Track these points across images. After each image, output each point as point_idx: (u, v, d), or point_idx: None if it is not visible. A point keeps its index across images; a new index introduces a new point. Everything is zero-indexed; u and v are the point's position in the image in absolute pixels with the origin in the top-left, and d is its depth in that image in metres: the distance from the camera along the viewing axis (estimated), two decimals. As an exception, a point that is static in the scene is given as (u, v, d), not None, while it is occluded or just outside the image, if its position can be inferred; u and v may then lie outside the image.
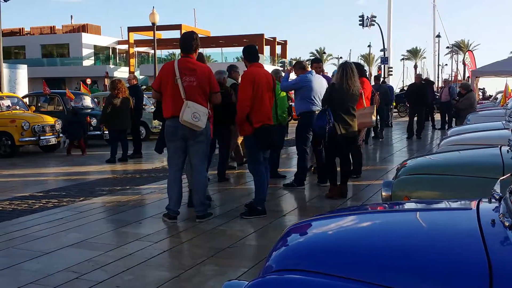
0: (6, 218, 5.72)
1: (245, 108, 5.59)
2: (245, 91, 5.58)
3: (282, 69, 35.38)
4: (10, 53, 45.75)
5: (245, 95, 5.57)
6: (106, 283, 3.75)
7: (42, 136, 11.70)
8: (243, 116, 5.64)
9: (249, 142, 5.78)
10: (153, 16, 25.83)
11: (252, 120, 5.62)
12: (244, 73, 5.73)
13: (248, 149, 5.89)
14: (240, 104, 5.66)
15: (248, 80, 5.61)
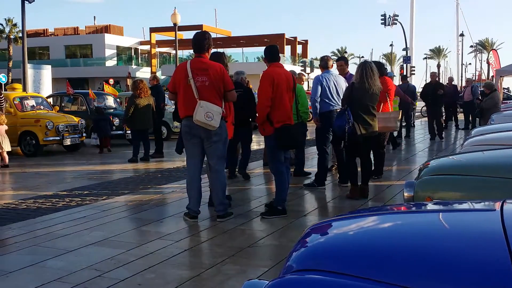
0: (30, 216, 5.83)
1: (265, 108, 5.59)
2: (264, 91, 5.58)
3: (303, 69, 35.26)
4: (34, 53, 46.58)
5: (265, 95, 5.57)
6: (128, 281, 3.80)
7: (66, 136, 11.88)
8: (263, 116, 5.64)
9: (269, 142, 5.78)
10: (175, 17, 26.02)
11: (272, 120, 5.62)
12: (264, 74, 5.73)
13: (269, 149, 5.89)
14: (260, 104, 5.66)
15: (267, 80, 5.60)
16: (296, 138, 5.81)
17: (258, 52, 47.41)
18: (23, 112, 12.00)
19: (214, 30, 46.41)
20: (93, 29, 51.18)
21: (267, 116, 5.63)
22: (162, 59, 50.91)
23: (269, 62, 5.83)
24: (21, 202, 6.61)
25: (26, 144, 11.67)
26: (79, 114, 13.24)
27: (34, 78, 23.83)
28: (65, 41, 49.47)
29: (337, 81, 7.38)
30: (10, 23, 46.06)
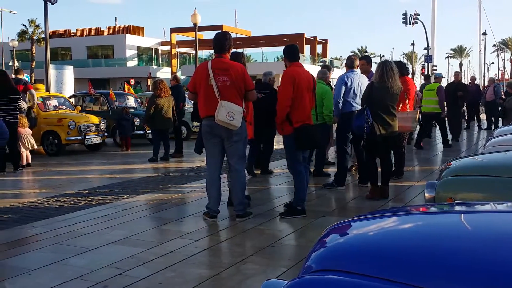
0: (52, 215, 5.92)
1: (285, 107, 5.58)
2: (285, 90, 5.58)
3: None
4: (57, 54, 47.28)
5: (286, 95, 5.57)
6: (148, 280, 3.83)
7: (88, 135, 12.03)
8: (283, 116, 5.63)
9: (288, 142, 5.77)
10: (195, 17, 26.15)
11: (292, 120, 5.61)
12: (284, 73, 5.72)
13: (287, 149, 5.88)
14: (280, 104, 5.66)
15: (288, 80, 5.60)
16: (315, 138, 5.79)
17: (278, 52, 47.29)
18: (46, 112, 12.18)
19: (234, 30, 46.51)
20: (114, 29, 51.73)
21: (287, 115, 5.62)
22: (182, 59, 51.21)
23: (289, 61, 5.82)
24: (43, 201, 6.72)
25: (49, 144, 11.84)
26: (100, 114, 13.39)
27: (56, 78, 24.16)
28: (87, 41, 50.10)
29: (361, 81, 7.34)
30: (33, 24, 46.84)
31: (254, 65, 41.95)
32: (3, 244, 4.78)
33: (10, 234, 5.13)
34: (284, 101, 5.57)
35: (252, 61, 49.41)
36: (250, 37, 47.62)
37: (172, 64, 45.56)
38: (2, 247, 4.69)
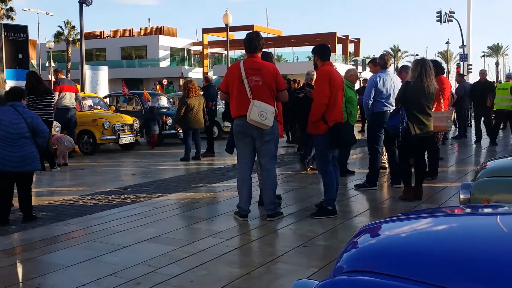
0: (87, 212, 6.04)
1: (322, 106, 5.55)
2: (322, 90, 5.55)
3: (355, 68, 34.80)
4: (92, 55, 48.24)
5: (323, 94, 5.54)
6: (180, 278, 3.87)
7: (122, 135, 12.24)
8: (319, 114, 5.59)
9: (321, 141, 5.73)
10: (226, 18, 26.28)
11: (327, 119, 5.58)
12: (320, 72, 5.68)
13: (318, 148, 5.84)
14: (317, 103, 5.60)
15: (325, 79, 5.57)
16: (349, 136, 5.76)
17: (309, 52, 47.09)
18: (81, 111, 12.45)
19: (265, 30, 46.53)
20: (147, 31, 52.48)
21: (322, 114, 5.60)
22: (214, 60, 51.55)
23: (321, 60, 5.79)
24: (79, 199, 6.86)
25: (84, 143, 12.10)
26: (134, 114, 13.60)
27: (91, 79, 24.68)
28: (121, 42, 50.97)
29: (394, 81, 7.24)
30: (68, 26, 47.92)
31: (285, 65, 41.93)
32: (40, 241, 4.91)
33: (46, 231, 5.26)
34: (321, 100, 5.55)
35: (283, 61, 49.39)
36: (281, 37, 47.56)
37: (204, 64, 45.90)
38: (39, 244, 4.82)
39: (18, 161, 5.50)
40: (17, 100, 5.71)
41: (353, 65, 36.62)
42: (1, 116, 5.51)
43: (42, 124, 5.73)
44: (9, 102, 5.72)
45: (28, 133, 5.57)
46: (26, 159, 5.54)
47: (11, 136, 5.47)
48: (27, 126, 5.56)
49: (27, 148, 5.56)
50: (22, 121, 5.54)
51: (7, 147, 5.46)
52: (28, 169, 5.63)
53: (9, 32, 14.72)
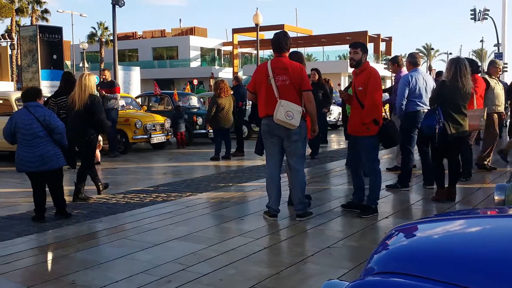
0: (120, 211, 6.15)
1: (379, 108, 5.56)
2: (380, 90, 5.61)
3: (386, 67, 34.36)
4: (124, 56, 49.02)
5: (380, 95, 5.56)
6: (210, 276, 3.90)
7: (153, 134, 12.40)
8: (374, 116, 5.54)
9: (371, 142, 5.66)
10: (257, 17, 26.29)
11: (377, 119, 5.56)
12: (373, 72, 5.60)
13: (369, 149, 5.70)
14: (374, 104, 5.53)
15: (379, 79, 5.60)
16: (397, 133, 5.81)
17: (340, 51, 46.78)
18: (114, 111, 12.64)
19: (295, 30, 46.43)
20: (178, 31, 53.02)
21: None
22: (244, 59, 51.71)
23: (366, 59, 5.75)
24: (111, 197, 6.99)
25: (118, 142, 12.30)
26: (165, 114, 13.76)
27: (124, 79, 25.09)
28: (152, 43, 51.63)
29: (426, 80, 7.12)
30: (102, 27, 48.86)
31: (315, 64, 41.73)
32: (74, 238, 5.02)
33: (80, 229, 5.38)
34: (378, 101, 5.55)
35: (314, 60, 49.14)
36: (312, 36, 47.36)
37: (234, 64, 46.10)
38: (73, 241, 4.93)
39: (35, 161, 5.59)
40: (31, 100, 5.77)
41: (385, 64, 36.18)
42: (17, 119, 5.63)
43: (55, 121, 5.72)
44: (24, 103, 5.83)
45: (42, 132, 5.60)
46: (43, 158, 5.61)
47: (26, 137, 5.57)
48: (40, 125, 5.58)
49: (43, 147, 5.61)
50: (35, 120, 5.57)
51: (24, 148, 5.58)
52: (46, 168, 5.66)
53: (44, 33, 15.08)
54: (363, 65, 5.66)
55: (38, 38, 14.70)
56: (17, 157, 5.64)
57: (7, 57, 28.18)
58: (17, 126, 5.59)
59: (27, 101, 5.75)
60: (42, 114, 5.64)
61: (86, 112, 6.57)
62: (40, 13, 48.94)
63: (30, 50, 14.97)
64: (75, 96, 6.67)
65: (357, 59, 5.68)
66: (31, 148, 5.57)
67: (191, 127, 13.85)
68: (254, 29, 29.18)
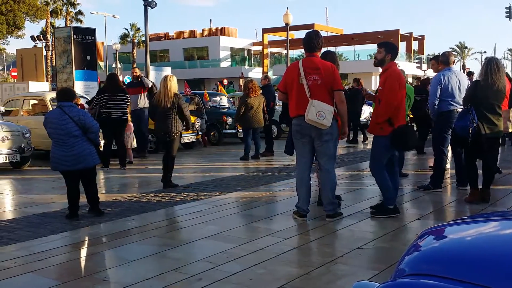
0: (151, 209, 6.23)
1: (394, 108, 5.46)
2: (395, 90, 5.45)
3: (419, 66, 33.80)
4: (156, 56, 49.62)
5: (395, 95, 5.44)
6: (239, 275, 3.92)
7: (183, 134, 12.49)
8: (388, 116, 5.48)
9: (382, 143, 5.61)
10: (287, 17, 26.25)
11: (393, 120, 5.47)
12: (394, 72, 5.53)
13: (379, 149, 5.71)
14: (388, 104, 5.47)
15: (397, 80, 5.47)
16: (413, 139, 5.62)
17: (371, 50, 46.28)
18: (145, 111, 12.81)
19: (326, 29, 46.15)
20: (209, 32, 53.37)
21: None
22: (274, 59, 51.69)
23: (392, 59, 5.65)
24: (143, 196, 7.08)
25: (148, 142, 12.45)
26: (195, 114, 13.86)
27: (155, 79, 25.35)
28: (183, 44, 52.11)
29: (460, 79, 6.98)
30: (134, 28, 49.59)
31: (346, 64, 41.40)
32: (106, 236, 5.12)
33: (112, 227, 5.47)
34: (393, 101, 5.45)
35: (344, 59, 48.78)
36: (342, 35, 47.01)
37: (264, 64, 46.13)
38: (105, 239, 5.03)
39: (71, 160, 5.70)
40: (66, 100, 5.88)
41: (417, 63, 35.63)
42: (52, 119, 5.76)
43: (90, 120, 5.86)
44: (58, 103, 5.96)
45: (77, 131, 5.72)
46: (78, 157, 5.73)
47: (61, 137, 5.69)
48: (75, 125, 5.70)
49: (78, 147, 5.73)
50: (69, 120, 5.69)
51: (60, 148, 5.70)
52: (81, 166, 5.78)
53: (78, 34, 15.38)
54: (386, 65, 5.60)
55: (72, 40, 15.01)
56: (53, 156, 5.78)
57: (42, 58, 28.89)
58: (52, 126, 5.73)
59: (62, 101, 5.88)
60: (77, 114, 5.77)
61: (172, 109, 7.42)
62: (74, 15, 50.01)
63: (64, 51, 15.29)
64: (161, 95, 7.51)
65: (379, 58, 5.66)
66: (66, 147, 5.69)
67: (220, 126, 13.92)
68: (284, 29, 29.14)
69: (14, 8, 44.52)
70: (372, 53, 45.42)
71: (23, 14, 46.06)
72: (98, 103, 9.55)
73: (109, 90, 9.61)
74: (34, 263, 4.26)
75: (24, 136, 9.75)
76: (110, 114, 9.51)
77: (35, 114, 12.02)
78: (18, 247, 4.72)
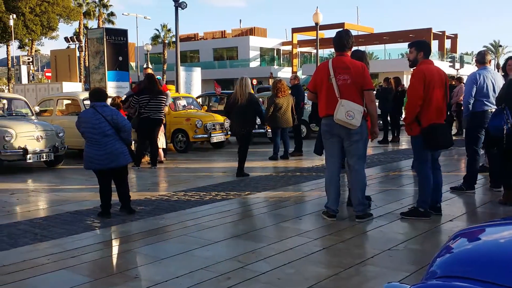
0: (181, 208, 6.29)
1: (415, 107, 5.37)
2: (416, 90, 5.36)
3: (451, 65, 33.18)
4: (186, 57, 50.07)
5: (416, 94, 5.35)
6: (268, 275, 3.92)
7: (213, 134, 12.60)
8: (413, 116, 5.42)
9: (415, 143, 5.54)
10: (317, 16, 26.12)
11: (420, 120, 5.39)
12: (415, 71, 5.49)
13: (414, 149, 5.65)
14: (410, 104, 5.44)
15: (419, 79, 5.38)
16: (444, 138, 5.50)
17: (402, 49, 45.65)
18: (176, 111, 12.97)
19: (356, 28, 45.77)
20: (238, 32, 53.57)
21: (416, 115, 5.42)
22: (303, 59, 51.53)
23: (424, 58, 5.58)
24: (173, 195, 7.16)
25: (178, 141, 12.60)
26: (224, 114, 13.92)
27: (185, 79, 25.62)
28: (213, 44, 52.44)
29: (495, 79, 6.83)
30: (165, 29, 50.14)
31: (376, 63, 40.95)
32: (137, 234, 5.19)
33: (143, 225, 5.55)
34: (414, 101, 5.36)
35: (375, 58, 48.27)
36: (373, 34, 46.53)
37: (293, 64, 46.02)
38: (136, 237, 5.10)
39: (104, 158, 5.81)
40: (99, 100, 5.99)
41: (450, 61, 34.98)
42: (86, 119, 5.87)
43: (123, 119, 6.00)
44: (91, 103, 6.07)
45: (110, 130, 5.83)
46: (111, 156, 5.83)
47: (95, 136, 5.80)
48: (108, 124, 5.81)
49: (111, 146, 5.83)
50: (103, 120, 5.80)
51: (93, 147, 5.81)
52: (113, 165, 5.88)
53: (110, 35, 15.63)
54: (418, 64, 5.53)
55: (105, 41, 15.26)
56: (86, 155, 5.89)
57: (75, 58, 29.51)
58: (85, 126, 5.84)
59: (95, 101, 5.99)
60: (110, 113, 5.89)
61: (247, 106, 8.24)
62: (106, 16, 50.92)
63: (97, 52, 15.56)
64: (238, 94, 8.36)
65: (412, 59, 5.60)
66: (100, 146, 5.80)
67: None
68: (313, 28, 29.04)
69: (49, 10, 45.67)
70: (404, 52, 44.87)
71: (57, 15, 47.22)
72: (138, 103, 9.71)
73: (149, 91, 9.77)
74: (67, 260, 4.36)
75: (58, 136, 9.97)
76: (149, 114, 9.68)
77: (69, 114, 12.28)
78: (52, 244, 4.84)
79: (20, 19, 44.36)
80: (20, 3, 43.59)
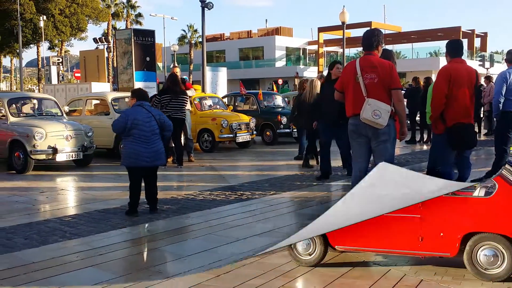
0: (206, 207, 6.34)
1: (439, 105, 5.31)
2: (439, 88, 5.31)
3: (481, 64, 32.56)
4: (212, 57, 50.28)
5: (439, 93, 5.29)
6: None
7: (238, 133, 12.64)
8: (437, 114, 5.36)
9: (438, 141, 5.47)
10: (343, 15, 25.92)
11: (445, 118, 5.32)
12: (441, 69, 5.45)
13: (436, 148, 5.58)
14: (434, 102, 5.40)
15: (443, 77, 5.32)
16: (468, 138, 5.41)
17: (430, 47, 44.99)
18: (202, 111, 13.06)
19: (383, 27, 45.22)
20: (264, 31, 53.55)
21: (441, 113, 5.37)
22: (329, 58, 51.21)
23: (451, 57, 5.53)
24: (199, 194, 7.21)
25: (204, 141, 12.68)
26: (250, 113, 13.97)
27: (211, 79, 25.74)
28: (239, 44, 52.52)
29: None
30: (191, 29, 50.48)
31: (404, 62, 40.42)
32: (163, 232, 5.26)
33: (169, 223, 5.61)
34: (438, 99, 5.30)
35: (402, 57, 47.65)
36: (401, 33, 45.93)
37: (319, 63, 45.78)
38: (163, 235, 5.16)
39: (151, 156, 5.96)
40: (145, 100, 6.17)
41: (480, 60, 34.32)
42: (137, 116, 5.96)
43: (167, 119, 6.29)
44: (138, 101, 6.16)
45: (157, 129, 6.06)
46: (157, 154, 6.01)
47: (145, 133, 5.94)
48: (156, 123, 6.04)
49: (157, 144, 6.03)
50: (153, 118, 6.02)
51: (142, 144, 5.93)
52: (158, 163, 6.08)
53: (138, 36, 15.82)
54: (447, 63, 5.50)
55: (132, 41, 15.45)
56: (132, 152, 5.96)
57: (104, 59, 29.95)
58: (136, 123, 5.95)
59: (141, 101, 6.14)
60: (157, 113, 6.20)
61: (314, 104, 8.87)
62: (134, 17, 51.57)
63: (125, 52, 15.77)
64: (307, 94, 9.26)
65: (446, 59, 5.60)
66: (148, 144, 5.96)
67: (275, 126, 13.95)
68: (340, 27, 28.81)
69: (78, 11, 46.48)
70: (432, 51, 44.20)
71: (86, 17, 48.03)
72: (160, 102, 9.82)
73: (171, 90, 9.87)
74: (95, 257, 4.44)
75: (87, 135, 10.15)
76: (171, 114, 9.75)
77: (97, 114, 12.49)
78: (80, 242, 4.93)
79: (50, 20, 45.26)
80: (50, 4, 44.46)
